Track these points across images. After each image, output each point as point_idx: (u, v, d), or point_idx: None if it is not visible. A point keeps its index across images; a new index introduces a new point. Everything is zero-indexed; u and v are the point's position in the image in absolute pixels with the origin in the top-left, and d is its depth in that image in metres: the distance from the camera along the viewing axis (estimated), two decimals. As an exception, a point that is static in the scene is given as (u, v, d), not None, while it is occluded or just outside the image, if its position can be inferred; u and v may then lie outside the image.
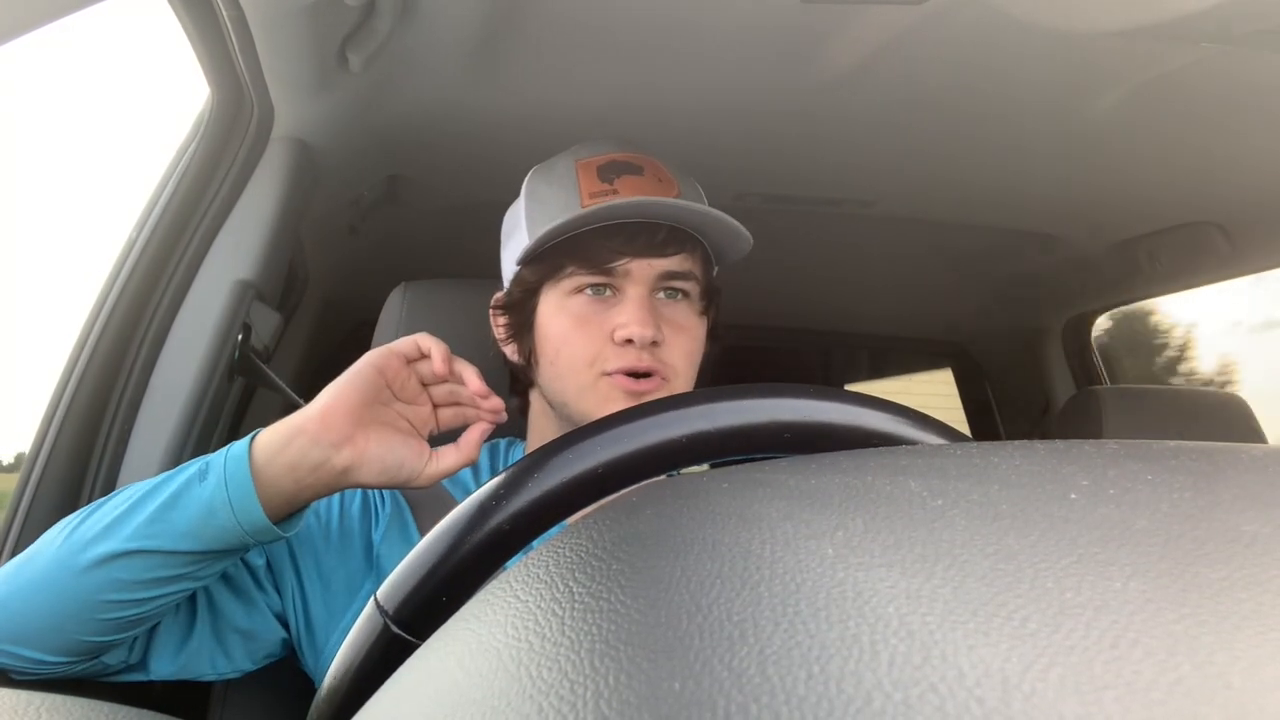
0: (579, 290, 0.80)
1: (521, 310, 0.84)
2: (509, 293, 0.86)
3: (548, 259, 0.81)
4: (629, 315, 0.78)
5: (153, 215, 0.98)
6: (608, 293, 0.81)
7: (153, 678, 0.72)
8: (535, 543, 0.36)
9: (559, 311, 0.81)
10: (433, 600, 0.37)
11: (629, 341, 0.77)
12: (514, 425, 0.92)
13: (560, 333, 0.80)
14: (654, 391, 0.78)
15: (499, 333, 0.88)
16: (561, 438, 0.40)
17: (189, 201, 1.00)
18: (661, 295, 0.81)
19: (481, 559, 0.37)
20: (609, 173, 0.82)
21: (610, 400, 0.78)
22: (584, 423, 0.77)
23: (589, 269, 0.79)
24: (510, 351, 0.87)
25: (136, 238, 0.97)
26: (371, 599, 0.38)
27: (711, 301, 0.86)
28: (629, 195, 0.79)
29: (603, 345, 0.78)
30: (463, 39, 0.96)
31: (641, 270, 0.79)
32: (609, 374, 0.78)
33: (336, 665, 0.38)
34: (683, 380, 0.81)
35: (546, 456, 0.39)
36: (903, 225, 1.58)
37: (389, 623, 0.37)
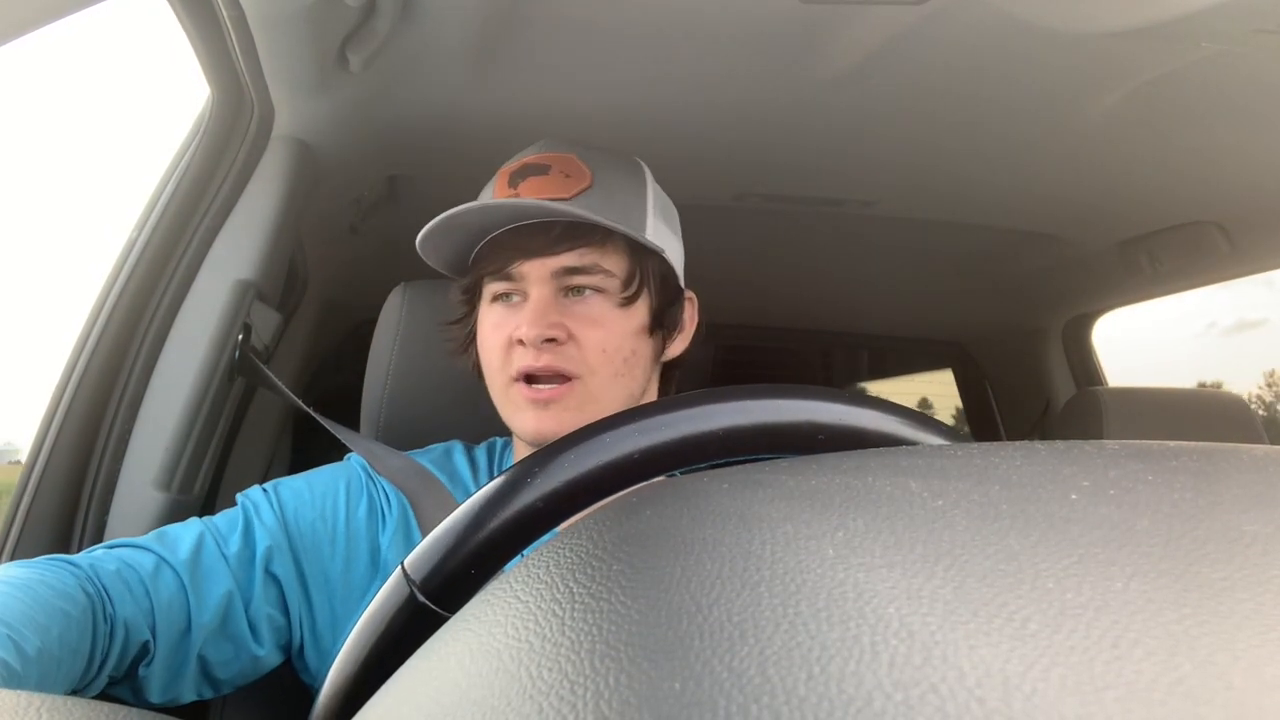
0: (495, 298, 0.82)
1: (463, 324, 0.87)
2: (457, 309, 0.88)
3: (472, 272, 0.83)
4: (521, 316, 0.78)
5: (153, 215, 0.98)
6: (515, 298, 0.81)
7: (137, 702, 0.71)
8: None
9: (483, 322, 0.83)
10: (461, 571, 0.37)
11: (521, 343, 0.78)
12: (509, 429, 0.93)
13: (482, 342, 0.82)
14: (559, 398, 0.77)
15: (453, 348, 0.89)
16: (599, 422, 0.40)
17: (189, 201, 1.00)
18: (570, 294, 0.80)
19: (512, 535, 0.37)
20: (518, 177, 0.82)
21: (519, 409, 0.78)
22: (517, 432, 0.78)
23: (494, 276, 0.81)
24: (468, 365, 0.88)
25: (137, 238, 0.97)
26: (399, 567, 0.38)
27: (643, 288, 0.82)
28: (527, 197, 0.79)
29: (508, 349, 0.79)
30: (463, 39, 0.96)
31: (535, 270, 0.79)
32: (515, 379, 0.78)
33: (357, 634, 0.38)
34: (600, 377, 0.79)
35: (583, 438, 0.39)
36: (903, 225, 1.58)
37: (415, 591, 0.37)
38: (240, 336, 1.00)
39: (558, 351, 0.77)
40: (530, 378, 0.78)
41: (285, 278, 1.15)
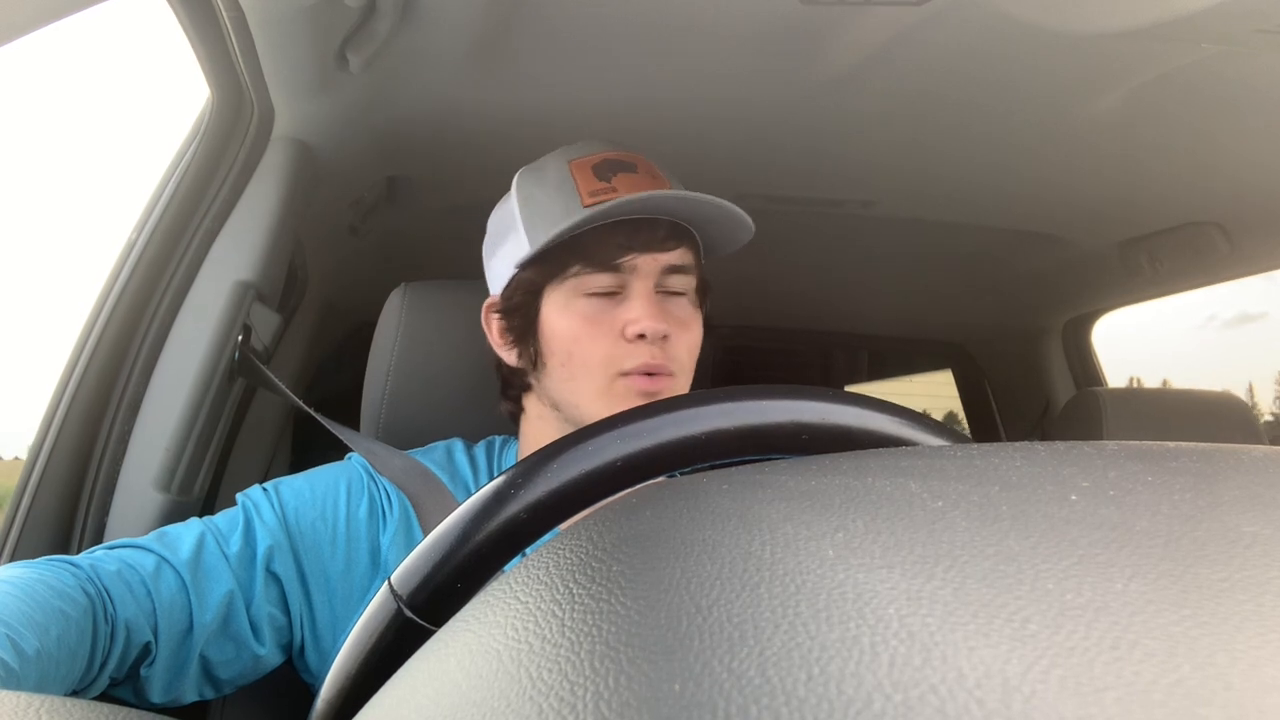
0: (586, 290, 0.80)
1: (524, 313, 0.83)
2: (508, 296, 0.85)
3: (551, 260, 0.80)
4: (640, 310, 0.78)
5: (153, 216, 0.98)
6: (616, 293, 0.81)
7: (139, 703, 0.71)
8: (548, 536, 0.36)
9: (566, 312, 0.80)
10: (448, 586, 0.37)
11: (641, 337, 0.77)
12: (509, 428, 0.93)
13: (571, 334, 0.79)
14: (664, 390, 0.78)
15: (496, 337, 0.87)
16: (580, 430, 0.39)
17: (189, 202, 1.00)
18: (663, 291, 0.81)
19: (497, 547, 0.37)
20: (605, 171, 0.82)
21: (628, 403, 0.77)
22: None
23: (595, 267, 0.79)
24: (510, 356, 0.86)
25: (137, 238, 0.97)
26: (385, 583, 0.38)
27: (705, 295, 0.87)
28: (629, 192, 0.79)
29: (615, 343, 0.78)
30: (463, 39, 0.96)
31: (647, 265, 0.79)
32: (626, 374, 0.77)
33: (346, 650, 0.38)
34: (686, 375, 0.81)
35: (565, 448, 0.39)
36: (903, 226, 1.58)
37: (403, 607, 0.37)
38: (240, 337, 1.00)
39: (664, 348, 0.78)
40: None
41: (285, 279, 1.15)
